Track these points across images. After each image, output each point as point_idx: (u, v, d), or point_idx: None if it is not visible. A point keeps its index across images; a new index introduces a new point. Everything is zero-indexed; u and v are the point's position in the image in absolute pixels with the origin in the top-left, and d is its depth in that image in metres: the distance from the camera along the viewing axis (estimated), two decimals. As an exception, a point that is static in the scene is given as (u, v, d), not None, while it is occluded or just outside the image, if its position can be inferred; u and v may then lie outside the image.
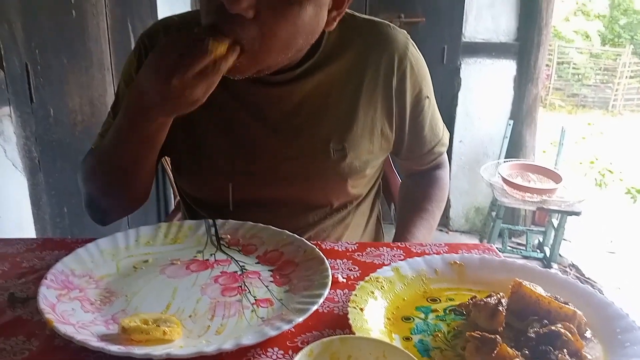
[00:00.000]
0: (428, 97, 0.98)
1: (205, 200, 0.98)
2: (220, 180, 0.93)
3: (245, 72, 0.77)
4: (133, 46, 0.95)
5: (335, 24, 0.82)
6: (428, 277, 0.71)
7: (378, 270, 0.70)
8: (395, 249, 0.82)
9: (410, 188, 1.14)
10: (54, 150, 1.51)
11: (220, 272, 0.73)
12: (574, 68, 11.12)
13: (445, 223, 3.55)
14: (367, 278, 0.68)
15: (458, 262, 0.73)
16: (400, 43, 0.93)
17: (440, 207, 1.10)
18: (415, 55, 0.95)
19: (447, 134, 1.09)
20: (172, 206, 2.48)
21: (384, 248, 0.83)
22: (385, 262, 0.78)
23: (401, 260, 0.76)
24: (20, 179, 1.33)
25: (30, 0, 1.37)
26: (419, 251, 0.82)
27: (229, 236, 0.82)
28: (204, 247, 0.81)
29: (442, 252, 0.81)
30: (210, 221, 0.86)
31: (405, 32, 0.96)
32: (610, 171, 5.84)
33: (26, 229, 1.37)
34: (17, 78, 1.30)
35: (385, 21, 0.95)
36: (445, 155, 1.12)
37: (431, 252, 0.81)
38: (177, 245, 0.81)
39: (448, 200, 3.46)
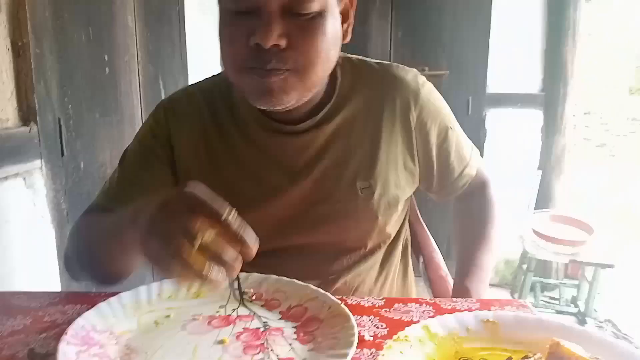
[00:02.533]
0: (450, 127, 0.99)
1: None
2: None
3: (292, 92, 0.79)
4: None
5: (349, 36, 0.87)
6: (460, 335, 0.67)
7: (407, 328, 0.66)
8: (424, 304, 0.79)
9: (461, 214, 1.13)
10: (83, 202, 1.53)
11: (243, 329, 0.71)
12: (601, 118, 11.02)
13: (474, 276, 3.45)
14: (395, 337, 0.65)
15: (491, 320, 0.69)
16: (411, 82, 0.95)
17: (496, 228, 1.07)
18: (428, 88, 0.97)
19: (476, 154, 1.07)
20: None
21: (413, 304, 0.79)
22: (414, 319, 0.74)
23: (431, 317, 0.73)
24: (48, 231, 1.35)
25: (67, 59, 1.43)
26: (449, 307, 0.78)
27: (252, 290, 0.81)
28: (226, 301, 0.79)
29: (473, 308, 0.78)
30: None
31: (415, 70, 0.98)
32: (643, 222, 5.66)
33: (53, 282, 1.37)
34: (49, 132, 1.34)
35: (394, 63, 0.98)
36: (484, 174, 1.10)
37: (462, 309, 0.78)
38: (200, 300, 0.79)
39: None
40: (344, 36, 0.85)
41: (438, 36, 3.18)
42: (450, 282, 1.17)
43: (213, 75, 0.99)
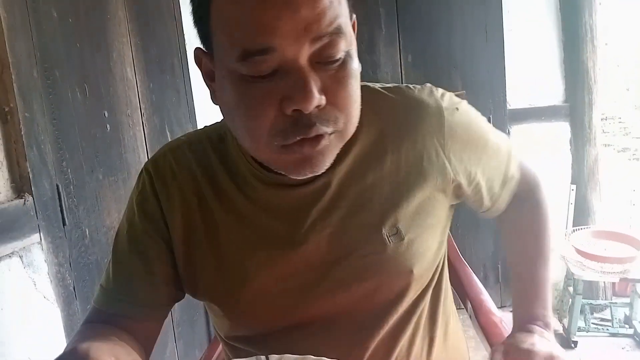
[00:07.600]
0: (485, 136, 0.85)
1: (243, 336, 0.83)
2: (260, 305, 0.78)
3: (331, 155, 0.68)
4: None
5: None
6: None
7: None
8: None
9: (510, 222, 0.98)
10: (91, 273, 1.40)
11: None
12: (619, 122, 10.80)
13: (515, 303, 3.24)
14: None
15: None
16: (430, 102, 0.79)
17: (550, 234, 0.95)
18: (449, 102, 0.81)
19: (512, 151, 0.91)
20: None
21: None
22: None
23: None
24: (53, 313, 1.21)
25: (62, 120, 1.32)
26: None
27: (288, 379, 0.65)
28: (259, 398, 0.64)
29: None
30: (263, 358, 0.69)
31: (429, 85, 0.82)
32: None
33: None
34: (47, 202, 1.21)
35: (403, 85, 0.82)
36: (527, 170, 0.94)
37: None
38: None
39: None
40: None
41: (450, 56, 3.06)
42: (506, 327, 1.03)
43: (202, 128, 0.88)
